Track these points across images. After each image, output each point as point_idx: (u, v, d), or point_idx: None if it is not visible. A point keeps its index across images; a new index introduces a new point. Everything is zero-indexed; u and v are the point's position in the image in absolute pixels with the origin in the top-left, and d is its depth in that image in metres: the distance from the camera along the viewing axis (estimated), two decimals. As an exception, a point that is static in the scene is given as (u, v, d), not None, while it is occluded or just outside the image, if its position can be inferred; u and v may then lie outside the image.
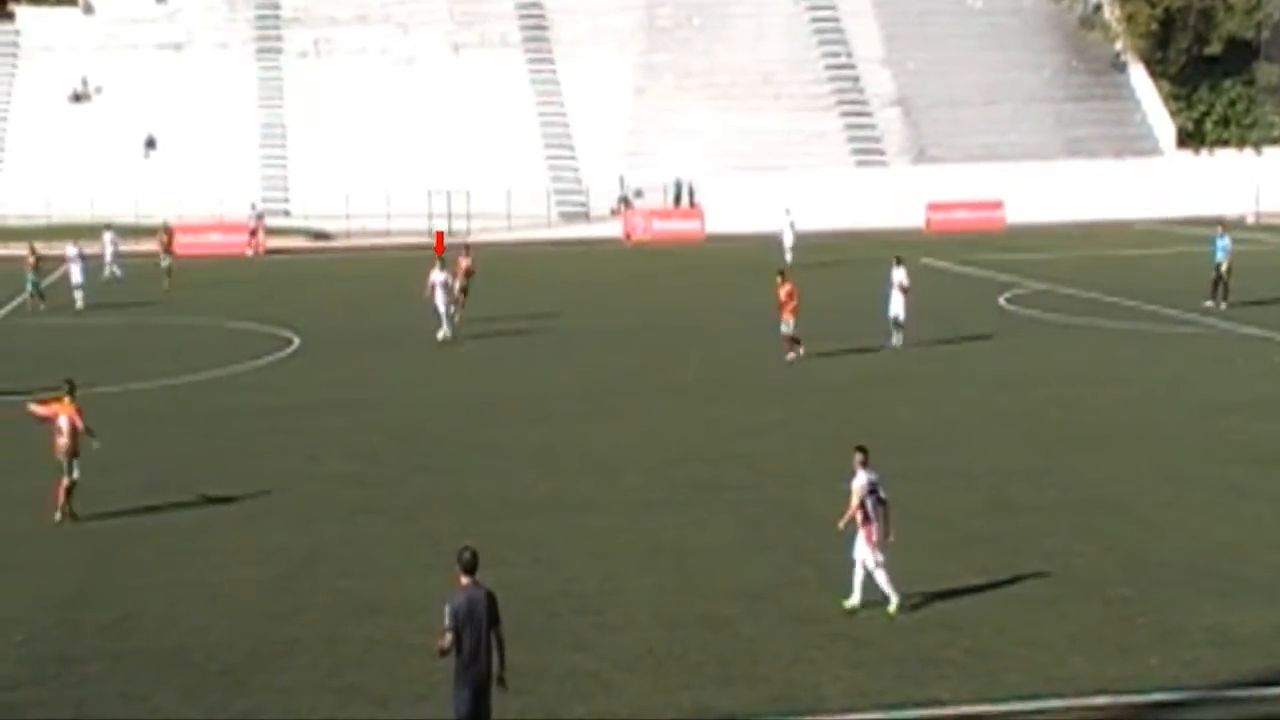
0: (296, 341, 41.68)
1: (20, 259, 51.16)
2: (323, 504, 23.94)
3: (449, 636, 13.50)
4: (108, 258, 58.15)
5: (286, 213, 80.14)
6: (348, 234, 75.38)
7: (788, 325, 36.21)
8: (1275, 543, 21.08)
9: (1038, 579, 19.47)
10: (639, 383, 34.81)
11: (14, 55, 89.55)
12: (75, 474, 22.95)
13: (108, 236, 59.26)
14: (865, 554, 18.36)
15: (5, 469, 26.86)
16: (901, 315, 37.91)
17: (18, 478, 25.84)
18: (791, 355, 36.16)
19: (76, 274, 50.32)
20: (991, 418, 30.09)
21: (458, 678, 13.59)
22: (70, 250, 51.33)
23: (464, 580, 13.75)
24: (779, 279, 37.01)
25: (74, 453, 22.98)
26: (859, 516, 18.36)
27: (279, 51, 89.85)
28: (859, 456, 18.56)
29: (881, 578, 18.25)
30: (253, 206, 73.58)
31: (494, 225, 76.01)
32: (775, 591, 19.33)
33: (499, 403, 32.39)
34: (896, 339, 37.96)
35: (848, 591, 18.55)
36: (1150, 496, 23.75)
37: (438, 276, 40.87)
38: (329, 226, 76.38)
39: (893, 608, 18.23)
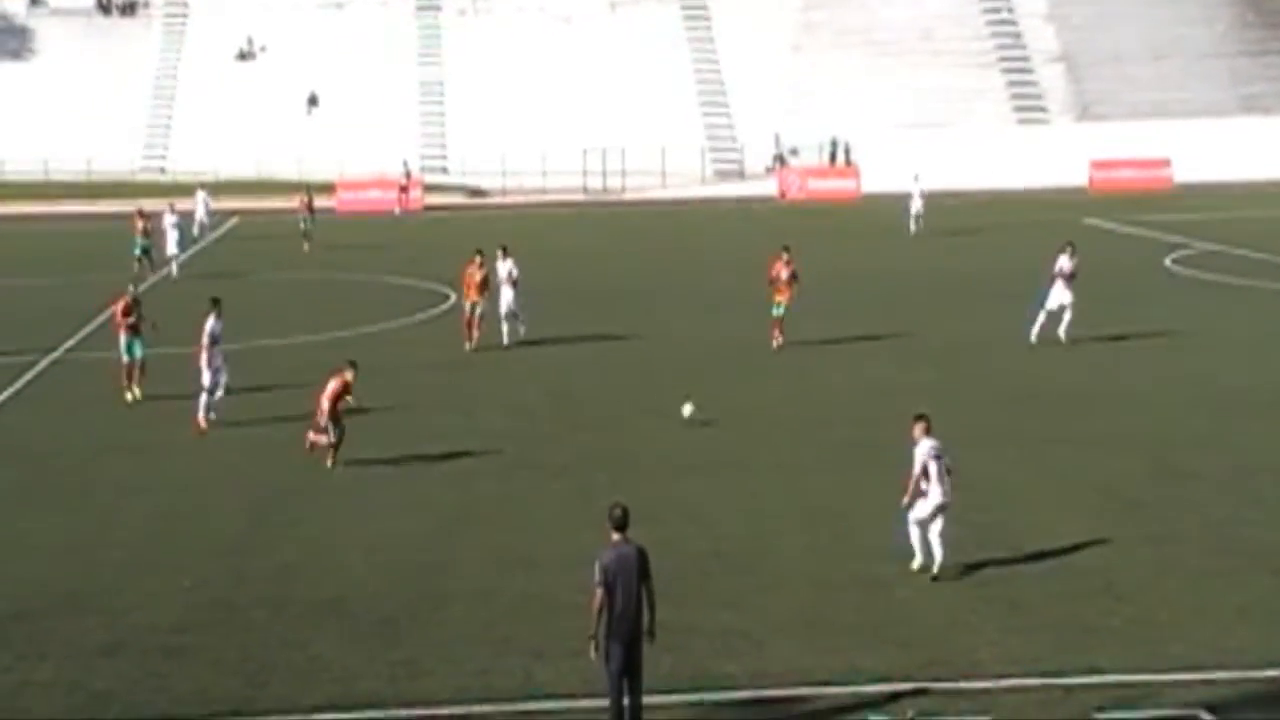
0: (453, 297, 42.05)
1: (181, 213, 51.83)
2: (479, 459, 24.14)
3: (600, 592, 13.57)
4: (201, 216, 56.79)
5: (444, 170, 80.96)
6: (504, 191, 75.87)
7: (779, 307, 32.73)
8: None
9: (1204, 548, 18.96)
10: (790, 341, 34.55)
11: (184, 15, 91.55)
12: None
13: (201, 195, 57.95)
14: (920, 513, 18.17)
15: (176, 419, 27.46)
16: (1066, 304, 32.74)
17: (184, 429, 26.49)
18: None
19: (172, 244, 47.76)
20: (1157, 381, 29.35)
21: (609, 632, 13.64)
22: (168, 219, 48.13)
23: (615, 537, 13.80)
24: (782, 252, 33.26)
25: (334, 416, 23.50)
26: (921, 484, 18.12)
27: (438, 9, 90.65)
28: (921, 425, 18.36)
29: (917, 535, 18.20)
30: (404, 164, 74.30)
31: (648, 183, 76.00)
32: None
33: (653, 363, 32.34)
34: (1061, 330, 32.77)
35: (1008, 558, 18.24)
36: (1323, 465, 22.98)
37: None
38: (486, 184, 76.97)
39: (915, 565, 18.20)
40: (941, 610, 17.18)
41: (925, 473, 18.10)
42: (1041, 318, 32.73)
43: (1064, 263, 33.08)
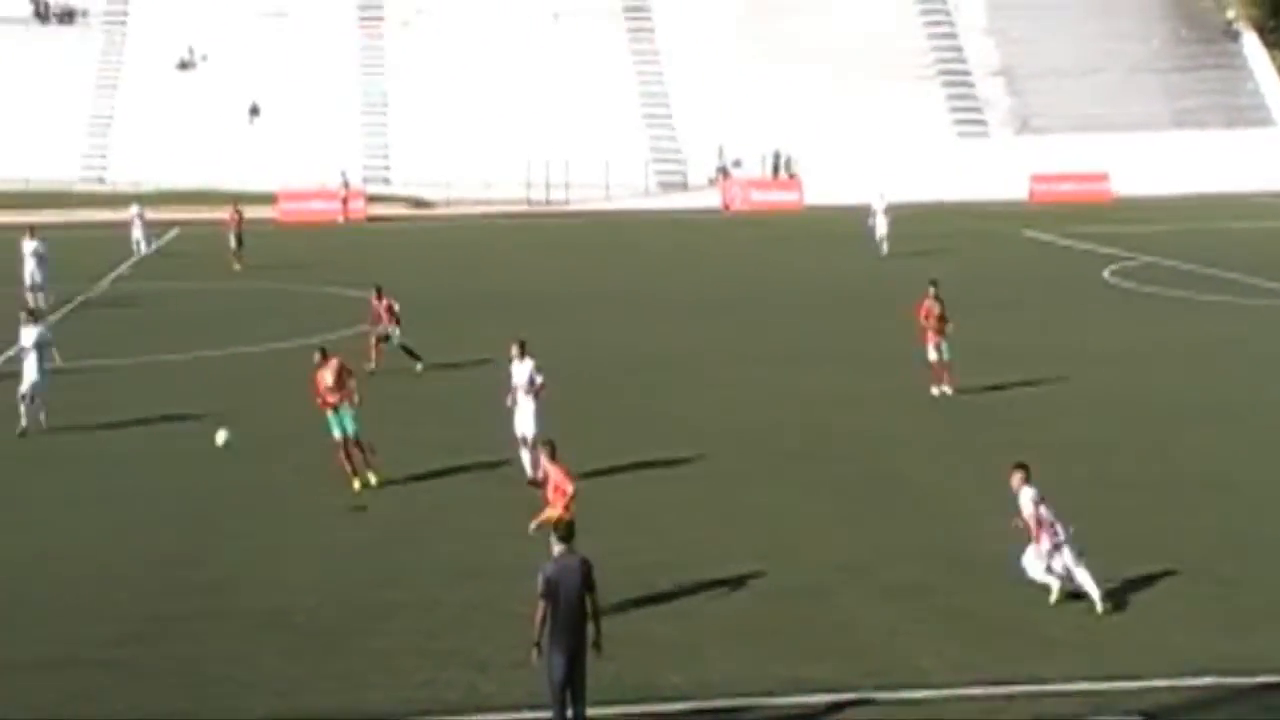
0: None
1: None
2: (419, 468, 24.04)
3: (542, 603, 13.57)
4: (137, 234, 55.39)
5: (387, 180, 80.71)
6: (448, 202, 75.73)
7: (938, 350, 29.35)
8: (1389, 523, 20.57)
9: (1141, 556, 19.14)
10: (735, 351, 34.66)
11: (124, 24, 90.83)
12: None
13: (135, 210, 56.38)
14: (1052, 560, 17.48)
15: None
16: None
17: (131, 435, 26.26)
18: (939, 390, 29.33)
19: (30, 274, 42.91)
20: (1095, 392, 29.63)
21: (552, 644, 13.63)
22: (27, 245, 43.43)
23: (559, 548, 13.79)
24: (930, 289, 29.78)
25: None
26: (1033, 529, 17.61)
27: (381, 19, 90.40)
28: (1020, 474, 17.82)
29: (1045, 571, 17.56)
30: (342, 174, 73.98)
31: (592, 195, 76.07)
32: (873, 564, 19.16)
33: (593, 371, 32.36)
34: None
35: (951, 567, 18.34)
36: (1258, 474, 23.27)
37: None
38: (429, 195, 76.81)
39: (1053, 597, 17.50)
40: (884, 620, 17.26)
41: (1039, 520, 17.54)
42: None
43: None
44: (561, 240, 62.23)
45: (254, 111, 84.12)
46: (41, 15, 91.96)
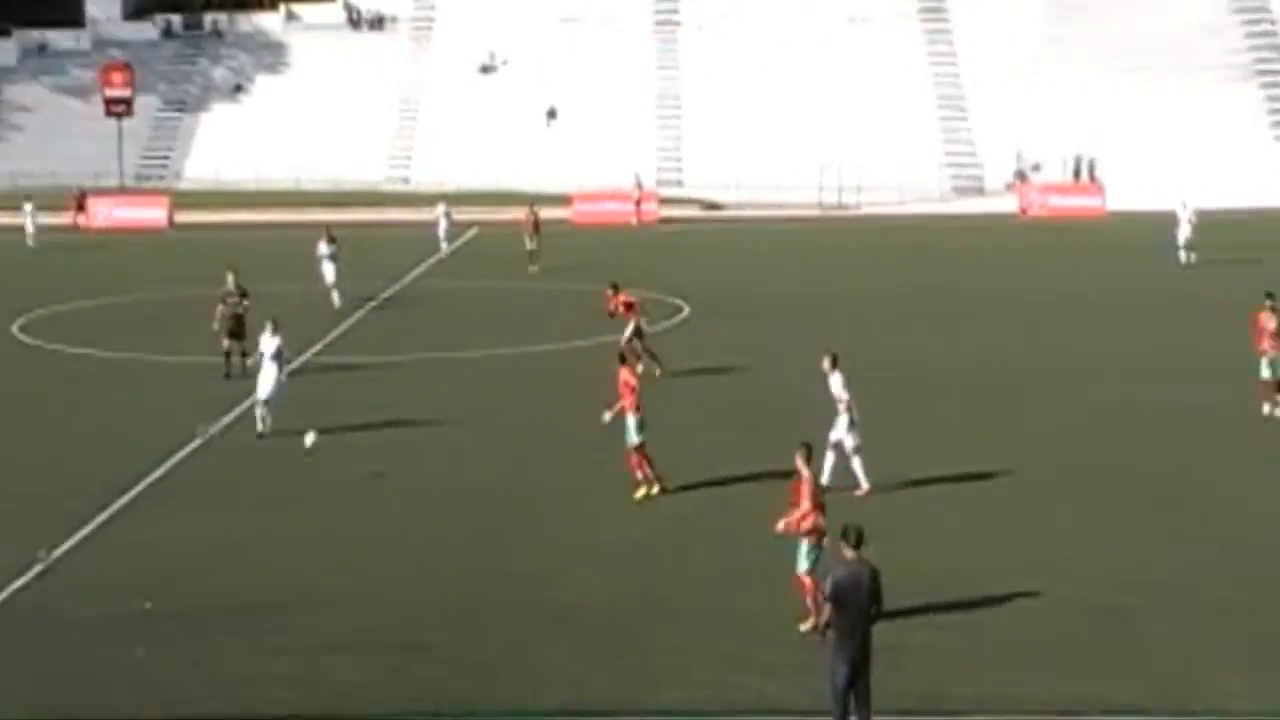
0: (686, 309, 42.32)
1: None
2: (708, 469, 24.13)
3: (829, 607, 13.48)
4: (442, 230, 56.13)
5: (680, 183, 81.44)
6: (739, 205, 75.97)
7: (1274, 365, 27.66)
8: None
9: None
10: (1033, 361, 33.88)
11: (429, 29, 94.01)
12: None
13: (441, 208, 57.24)
14: None
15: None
16: None
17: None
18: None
19: (329, 274, 43.38)
20: None
21: (836, 651, 13.56)
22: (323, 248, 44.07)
23: (849, 554, 13.72)
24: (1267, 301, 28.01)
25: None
26: None
27: (676, 24, 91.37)
28: None
29: None
30: (636, 176, 74.81)
31: (885, 198, 75.34)
32: (1170, 583, 18.47)
33: (890, 379, 31.95)
34: None
35: (1254, 588, 17.57)
36: None
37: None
38: (720, 197, 77.20)
39: None
40: (1181, 640, 16.64)
41: None
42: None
43: None
44: (853, 244, 61.77)
45: (551, 114, 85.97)
46: (354, 22, 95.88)
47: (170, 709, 15.17)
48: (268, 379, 27.13)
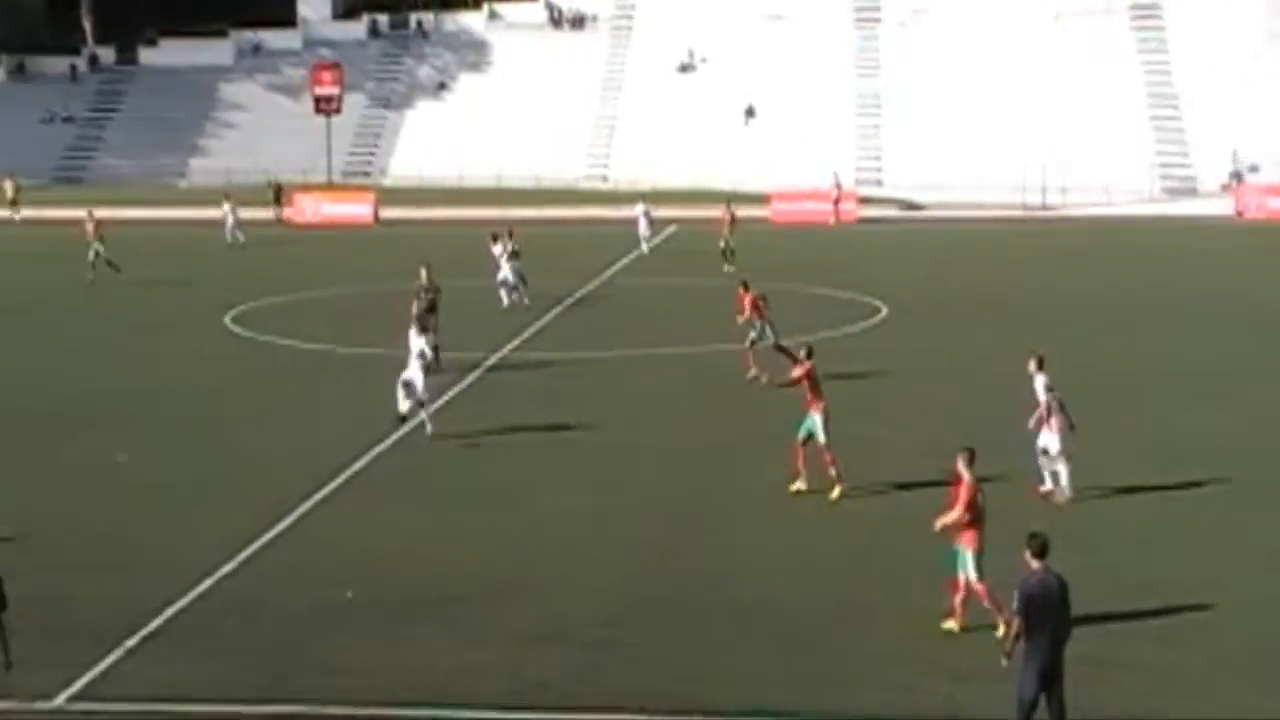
0: (884, 310, 41.89)
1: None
2: (907, 472, 23.78)
3: (1019, 620, 13.31)
4: (643, 230, 56.06)
5: (879, 182, 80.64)
6: (939, 205, 74.95)
7: None
8: None
9: None
10: (1251, 366, 32.79)
11: (629, 28, 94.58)
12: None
13: (641, 208, 57.04)
14: None
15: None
16: None
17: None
18: None
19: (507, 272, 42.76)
20: None
21: (1025, 662, 13.36)
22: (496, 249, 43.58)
23: (1035, 564, 13.46)
24: None
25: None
26: None
27: (877, 20, 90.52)
28: None
29: None
30: (835, 175, 74.16)
31: (1091, 199, 73.62)
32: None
33: (1098, 383, 31.14)
34: None
35: None
36: None
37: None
38: (920, 197, 76.25)
39: None
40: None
41: None
42: None
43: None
44: (1057, 246, 60.49)
45: (749, 113, 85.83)
46: (555, 21, 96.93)
47: (371, 697, 15.46)
48: (414, 372, 27.06)
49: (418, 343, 27.70)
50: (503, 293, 42.09)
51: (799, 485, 22.78)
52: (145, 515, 22.15)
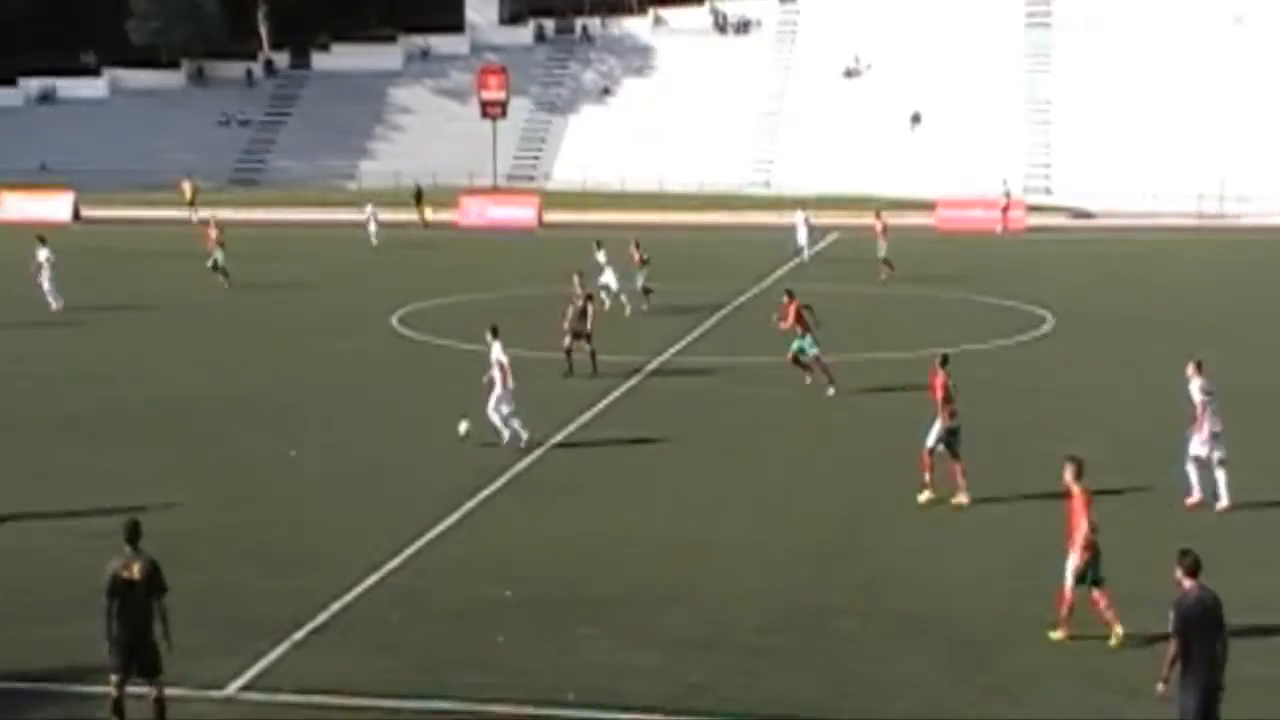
0: (1050, 320, 41.14)
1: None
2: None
3: (1175, 642, 13.05)
4: (801, 239, 55.25)
5: (1048, 190, 79.34)
6: (1110, 213, 73.42)
7: None
8: None
9: None
10: None
11: (794, 33, 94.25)
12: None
13: (800, 216, 56.21)
14: None
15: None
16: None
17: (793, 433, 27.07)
18: None
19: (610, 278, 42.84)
20: None
21: (1183, 683, 13.07)
22: (599, 255, 43.69)
23: (1188, 583, 13.16)
24: None
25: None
26: None
27: (1048, 25, 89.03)
28: None
29: None
30: (1004, 183, 73.08)
31: (1272, 209, 71.52)
32: None
33: (1261, 393, 30.27)
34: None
35: None
36: None
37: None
38: (1091, 205, 74.82)
39: None
40: None
41: None
42: None
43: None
44: (1234, 257, 58.94)
45: (915, 119, 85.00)
46: (720, 26, 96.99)
47: (530, 695, 15.55)
48: (497, 385, 26.17)
49: (496, 353, 26.49)
50: (604, 296, 41.83)
51: (926, 495, 22.54)
52: (314, 510, 22.57)
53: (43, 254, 44.09)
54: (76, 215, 74.20)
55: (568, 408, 29.21)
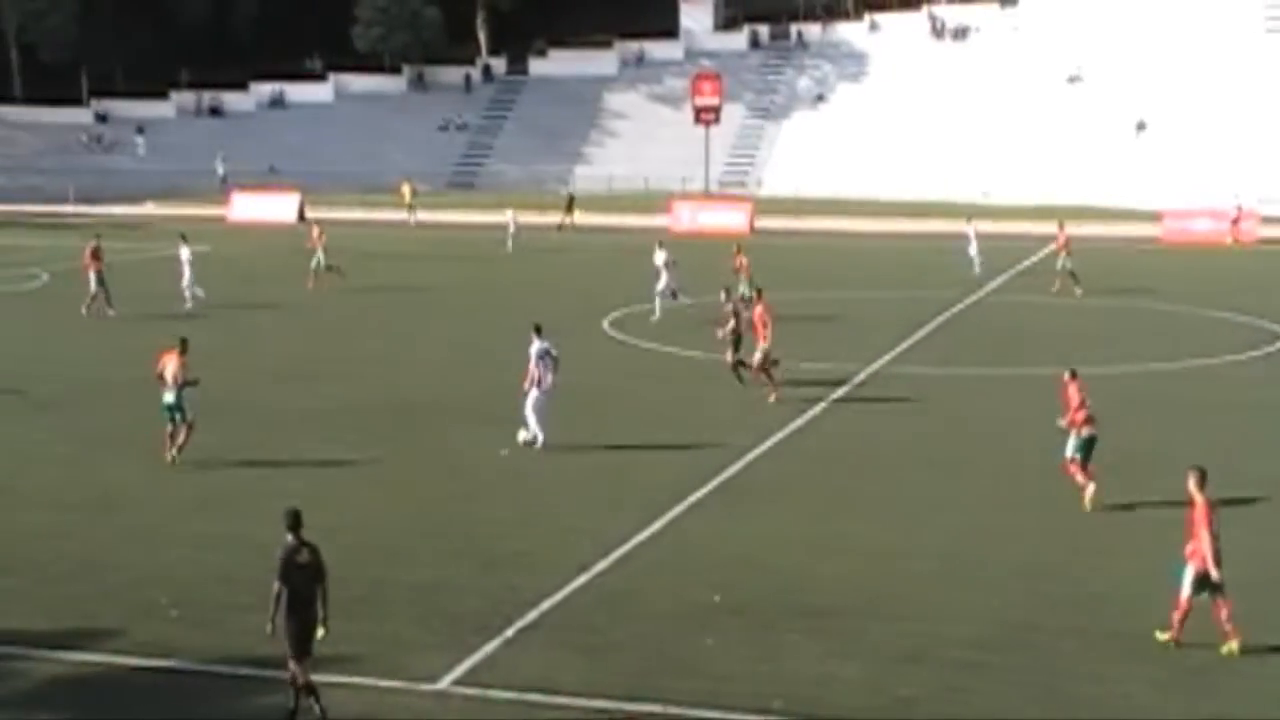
0: (1284, 336, 39.72)
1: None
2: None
3: None
4: (973, 251, 52.42)
5: None
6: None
7: None
8: None
9: None
10: None
11: (1013, 38, 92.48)
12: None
13: (970, 228, 53.96)
14: None
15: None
16: None
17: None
18: None
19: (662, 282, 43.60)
20: None
21: None
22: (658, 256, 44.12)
23: None
24: None
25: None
26: None
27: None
28: None
29: None
30: (1235, 196, 70.52)
31: None
32: None
33: None
34: None
35: None
36: None
37: None
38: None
39: None
40: None
41: None
42: None
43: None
44: None
45: (1140, 127, 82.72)
46: (937, 32, 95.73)
47: (736, 702, 15.47)
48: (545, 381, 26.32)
49: (537, 347, 26.59)
50: (658, 302, 42.09)
51: (1091, 490, 22.60)
52: (526, 509, 22.81)
53: (184, 252, 44.94)
54: (301, 216, 76.39)
55: (778, 414, 29.12)
